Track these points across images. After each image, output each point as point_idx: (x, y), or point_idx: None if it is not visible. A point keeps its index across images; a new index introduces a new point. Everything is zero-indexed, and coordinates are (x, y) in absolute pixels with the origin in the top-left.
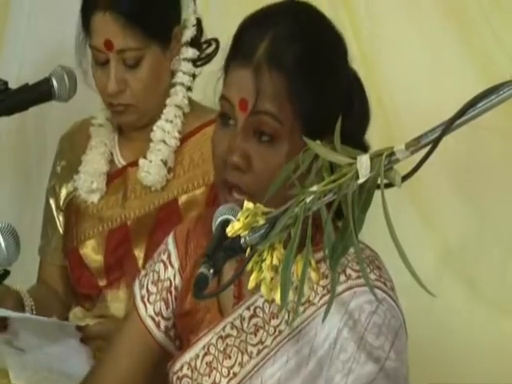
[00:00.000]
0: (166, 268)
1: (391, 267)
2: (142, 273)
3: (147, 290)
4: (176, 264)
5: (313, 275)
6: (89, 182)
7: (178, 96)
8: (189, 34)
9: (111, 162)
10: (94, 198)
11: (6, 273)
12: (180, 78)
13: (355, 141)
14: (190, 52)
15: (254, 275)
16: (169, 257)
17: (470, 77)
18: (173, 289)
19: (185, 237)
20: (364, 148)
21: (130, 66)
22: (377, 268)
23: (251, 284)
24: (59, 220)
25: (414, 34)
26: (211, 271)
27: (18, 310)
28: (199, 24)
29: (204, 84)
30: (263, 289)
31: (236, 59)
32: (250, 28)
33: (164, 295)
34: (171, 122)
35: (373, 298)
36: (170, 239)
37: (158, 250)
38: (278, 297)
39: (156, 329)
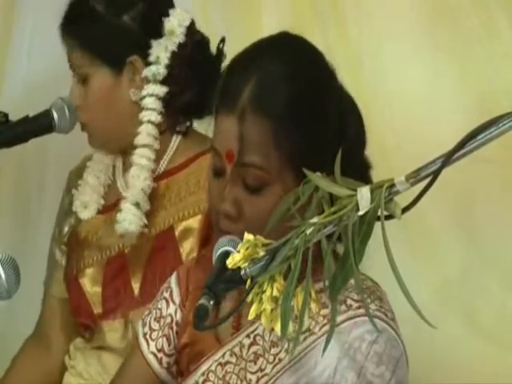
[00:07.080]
0: (167, 305)
1: (391, 299)
2: (146, 312)
3: (150, 328)
4: (177, 300)
5: (313, 306)
6: (82, 195)
7: (142, 135)
8: (153, 70)
9: (115, 189)
10: (87, 214)
11: None
12: (147, 115)
13: (355, 158)
14: (151, 89)
15: (254, 307)
16: (171, 294)
17: (469, 107)
18: (174, 324)
19: (186, 274)
20: (365, 165)
21: (81, 82)
22: (378, 299)
23: (251, 315)
24: (62, 252)
25: (413, 63)
26: (211, 302)
27: None
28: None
29: None
30: (263, 320)
31: (222, 105)
32: (235, 72)
33: (166, 331)
34: (142, 166)
35: (373, 328)
36: (173, 277)
37: (161, 289)
38: (278, 328)
39: (158, 365)
